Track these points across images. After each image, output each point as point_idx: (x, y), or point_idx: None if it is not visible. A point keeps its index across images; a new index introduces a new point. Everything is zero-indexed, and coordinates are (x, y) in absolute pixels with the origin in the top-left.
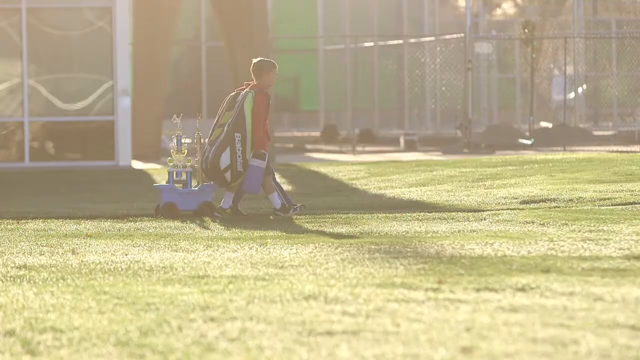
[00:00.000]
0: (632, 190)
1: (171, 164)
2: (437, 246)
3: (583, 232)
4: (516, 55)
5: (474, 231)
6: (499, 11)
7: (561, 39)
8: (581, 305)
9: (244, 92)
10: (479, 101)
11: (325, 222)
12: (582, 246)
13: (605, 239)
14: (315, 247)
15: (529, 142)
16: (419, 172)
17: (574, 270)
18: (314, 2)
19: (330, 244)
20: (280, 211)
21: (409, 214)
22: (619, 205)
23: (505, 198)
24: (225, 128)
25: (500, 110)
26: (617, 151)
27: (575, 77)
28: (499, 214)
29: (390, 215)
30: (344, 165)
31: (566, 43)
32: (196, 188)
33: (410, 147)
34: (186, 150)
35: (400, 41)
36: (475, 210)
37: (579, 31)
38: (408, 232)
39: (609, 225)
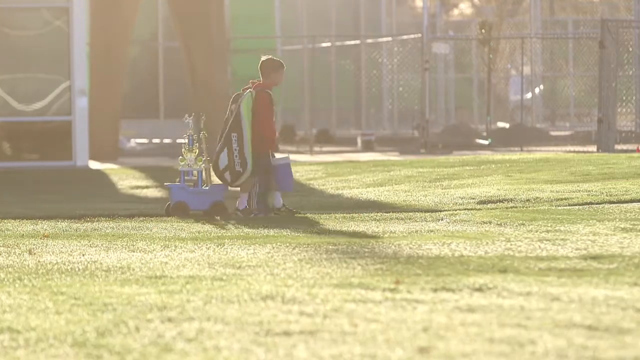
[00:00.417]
0: (589, 191)
1: (182, 163)
2: (395, 246)
3: (540, 232)
4: (473, 55)
5: (432, 231)
6: (456, 11)
7: (518, 39)
8: (538, 305)
9: (245, 92)
10: (436, 101)
11: (282, 223)
12: (539, 246)
13: (562, 239)
14: (273, 248)
15: (486, 142)
16: (377, 173)
17: (531, 271)
18: (271, 2)
19: (287, 244)
20: (242, 212)
21: (367, 214)
22: (576, 205)
23: (462, 198)
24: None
25: (457, 110)
26: (573, 151)
27: (532, 77)
28: (456, 214)
29: (348, 215)
30: (301, 165)
31: (523, 43)
32: (207, 187)
33: (367, 147)
34: (197, 150)
35: (358, 41)
36: (432, 211)
37: (536, 31)
38: (365, 233)
39: (566, 225)
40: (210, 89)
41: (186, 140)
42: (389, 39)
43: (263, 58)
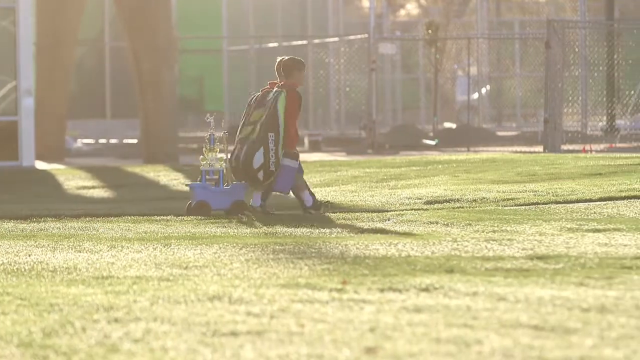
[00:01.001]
0: (535, 191)
1: (204, 162)
2: (342, 247)
3: (486, 233)
4: (420, 56)
5: (378, 231)
6: (402, 12)
7: (465, 40)
8: (484, 305)
9: (274, 91)
10: (383, 102)
11: (229, 222)
12: (486, 246)
13: (508, 239)
14: (220, 248)
15: (432, 142)
16: (323, 173)
17: (478, 271)
18: (218, 2)
19: (234, 244)
20: (312, 208)
21: (313, 215)
22: (522, 205)
23: (409, 198)
24: (258, 127)
25: (404, 110)
26: (520, 152)
27: (479, 77)
28: (403, 215)
29: (295, 215)
30: None
31: (470, 44)
32: (228, 187)
33: (314, 147)
34: (218, 149)
35: (305, 42)
36: (379, 211)
37: (482, 32)
38: (312, 233)
39: (512, 225)
40: (157, 89)
41: (207, 140)
42: (336, 39)
43: (284, 58)
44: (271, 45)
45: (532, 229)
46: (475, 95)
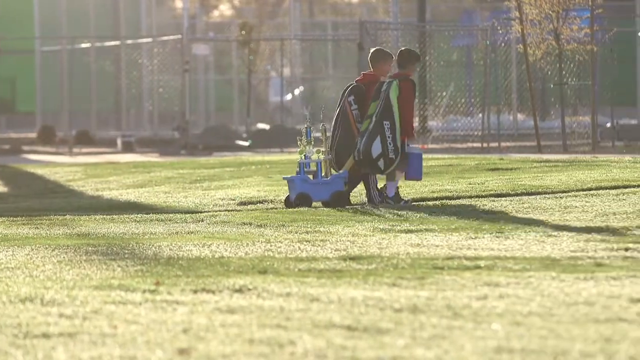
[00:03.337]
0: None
1: (301, 154)
2: (155, 248)
3: (300, 234)
4: (233, 56)
5: (192, 233)
6: (216, 13)
7: (278, 41)
8: (298, 306)
9: (387, 81)
10: (196, 102)
11: (41, 223)
12: (299, 247)
13: (321, 240)
14: (32, 249)
15: (246, 143)
16: (137, 174)
17: (291, 271)
18: (30, 2)
19: (47, 245)
20: (392, 200)
21: (127, 216)
22: None
23: (222, 199)
24: (374, 118)
25: (217, 111)
26: None
27: (292, 79)
28: (216, 216)
29: (108, 217)
30: (60, 166)
31: (283, 45)
32: (327, 178)
33: (127, 148)
34: (313, 141)
35: (118, 42)
36: (193, 212)
37: (296, 33)
38: (125, 234)
39: (326, 226)
40: None
41: (304, 132)
42: (149, 40)
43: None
44: (84, 45)
45: (345, 229)
46: (289, 97)
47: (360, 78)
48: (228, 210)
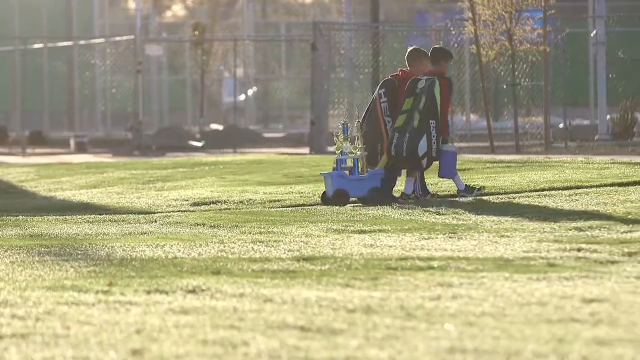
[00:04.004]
0: (302, 192)
1: (338, 151)
2: (108, 248)
3: (253, 234)
4: (186, 57)
5: (145, 233)
6: (169, 13)
7: (231, 42)
8: (251, 307)
9: (427, 79)
10: (149, 103)
11: None
12: (253, 248)
13: (275, 241)
14: None
15: (199, 144)
16: (89, 174)
17: (244, 272)
18: None
19: None
20: (465, 192)
21: (80, 216)
22: (289, 207)
23: (176, 200)
24: (417, 115)
25: (170, 112)
26: (287, 153)
27: (245, 79)
28: (169, 216)
29: (61, 217)
30: (13, 167)
31: (236, 45)
32: (364, 174)
33: (80, 149)
34: (349, 138)
35: (70, 43)
36: (146, 213)
37: (249, 34)
38: (78, 235)
39: (279, 227)
40: None
41: (341, 129)
42: (102, 40)
43: (436, 46)
44: (36, 46)
45: (299, 230)
46: (242, 97)
47: (396, 74)
48: (181, 211)
